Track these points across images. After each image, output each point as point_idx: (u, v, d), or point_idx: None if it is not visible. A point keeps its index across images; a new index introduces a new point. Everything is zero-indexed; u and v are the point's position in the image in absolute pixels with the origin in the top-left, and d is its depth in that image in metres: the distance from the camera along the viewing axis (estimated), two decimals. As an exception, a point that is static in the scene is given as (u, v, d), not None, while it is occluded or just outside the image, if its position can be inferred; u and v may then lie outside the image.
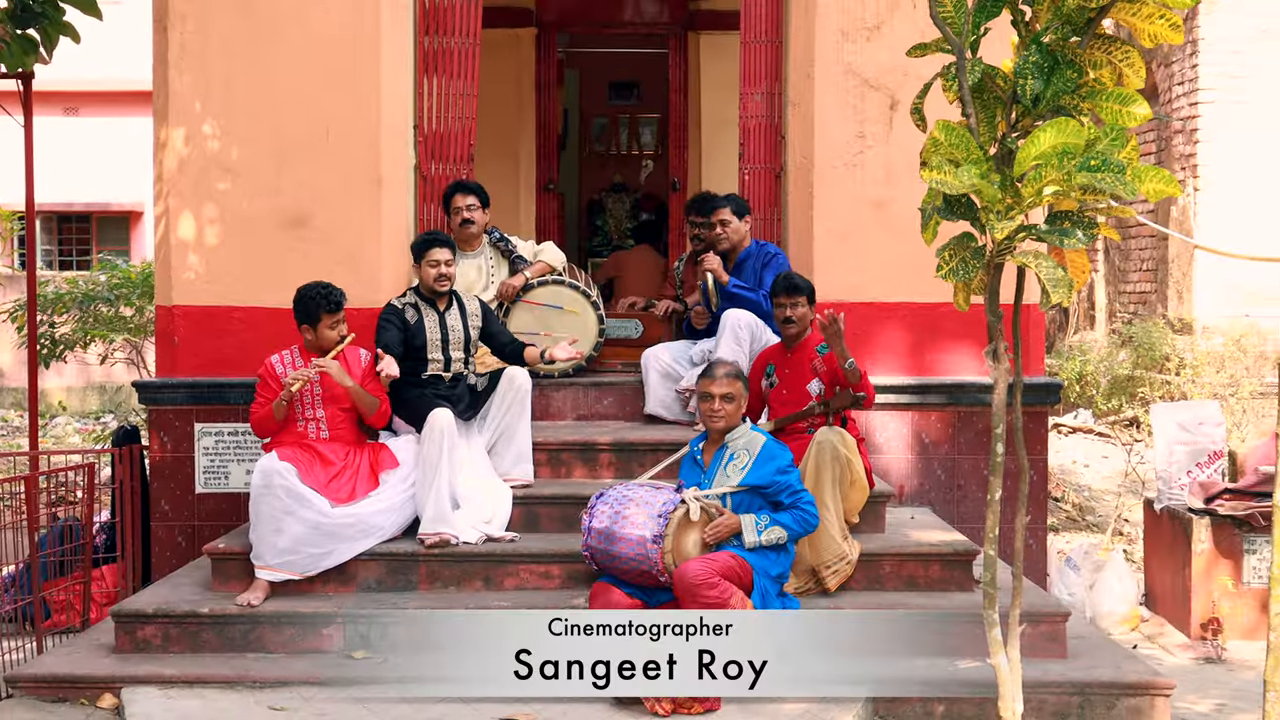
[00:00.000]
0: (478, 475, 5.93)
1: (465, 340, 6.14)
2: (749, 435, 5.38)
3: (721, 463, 5.38)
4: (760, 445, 5.35)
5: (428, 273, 6.04)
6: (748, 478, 5.27)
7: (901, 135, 6.72)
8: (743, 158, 7.12)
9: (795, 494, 5.25)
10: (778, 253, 6.72)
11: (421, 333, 6.02)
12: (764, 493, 5.27)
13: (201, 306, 6.67)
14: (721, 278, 6.58)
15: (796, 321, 5.93)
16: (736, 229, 6.72)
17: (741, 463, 5.34)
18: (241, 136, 6.65)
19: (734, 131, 9.93)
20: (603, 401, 6.88)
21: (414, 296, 6.13)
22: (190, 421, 6.69)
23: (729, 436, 5.38)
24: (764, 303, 6.48)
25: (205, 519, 6.70)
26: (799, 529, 5.23)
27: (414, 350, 5.99)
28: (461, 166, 7.00)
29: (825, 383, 5.85)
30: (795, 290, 5.95)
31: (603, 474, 6.28)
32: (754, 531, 5.18)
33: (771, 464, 5.29)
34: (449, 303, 6.16)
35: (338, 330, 5.83)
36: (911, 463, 6.79)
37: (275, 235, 6.65)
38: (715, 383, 5.32)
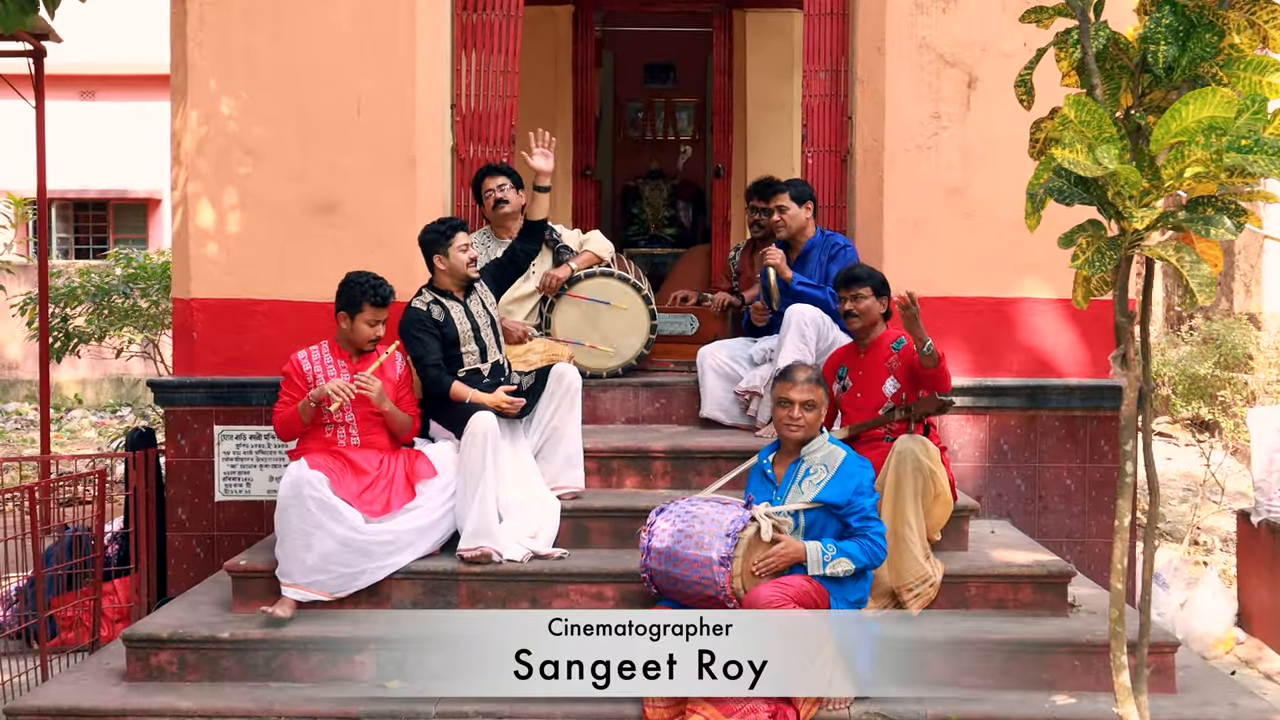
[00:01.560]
0: (523, 484, 5.43)
1: (492, 321, 5.68)
2: (828, 449, 4.87)
3: (796, 478, 4.87)
4: (840, 461, 4.84)
5: (459, 259, 5.54)
6: (824, 493, 4.78)
7: (980, 115, 6.20)
8: (805, 140, 6.58)
9: (866, 520, 4.75)
10: (846, 244, 6.19)
11: (452, 328, 5.52)
12: (838, 512, 4.76)
13: (222, 299, 6.19)
14: (784, 273, 6.05)
15: (859, 315, 5.40)
16: (795, 216, 6.19)
17: (818, 478, 4.84)
18: (265, 115, 6.16)
19: (782, 115, 9.54)
20: (655, 404, 6.37)
21: (431, 294, 5.62)
22: (209, 424, 6.20)
23: (806, 449, 4.87)
24: (831, 300, 5.96)
25: (225, 529, 6.22)
26: (867, 561, 4.72)
27: (449, 346, 5.49)
28: (501, 149, 6.49)
29: (902, 382, 5.33)
30: (854, 281, 5.42)
31: (657, 484, 5.78)
32: (819, 563, 4.68)
33: (851, 482, 4.79)
34: (466, 291, 5.66)
35: (376, 329, 5.34)
36: (988, 471, 6.26)
37: (301, 222, 6.17)
38: (796, 388, 4.82)
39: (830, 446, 4.91)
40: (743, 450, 5.72)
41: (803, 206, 6.24)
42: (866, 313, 5.39)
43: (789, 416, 4.84)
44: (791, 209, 6.21)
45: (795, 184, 6.31)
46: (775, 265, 6.07)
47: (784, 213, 6.21)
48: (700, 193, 12.36)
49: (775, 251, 6.12)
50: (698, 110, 12.64)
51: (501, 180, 6.18)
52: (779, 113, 9.59)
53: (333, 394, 5.13)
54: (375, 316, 5.32)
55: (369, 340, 5.35)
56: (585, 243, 6.43)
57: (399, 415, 5.39)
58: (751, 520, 4.68)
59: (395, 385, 5.43)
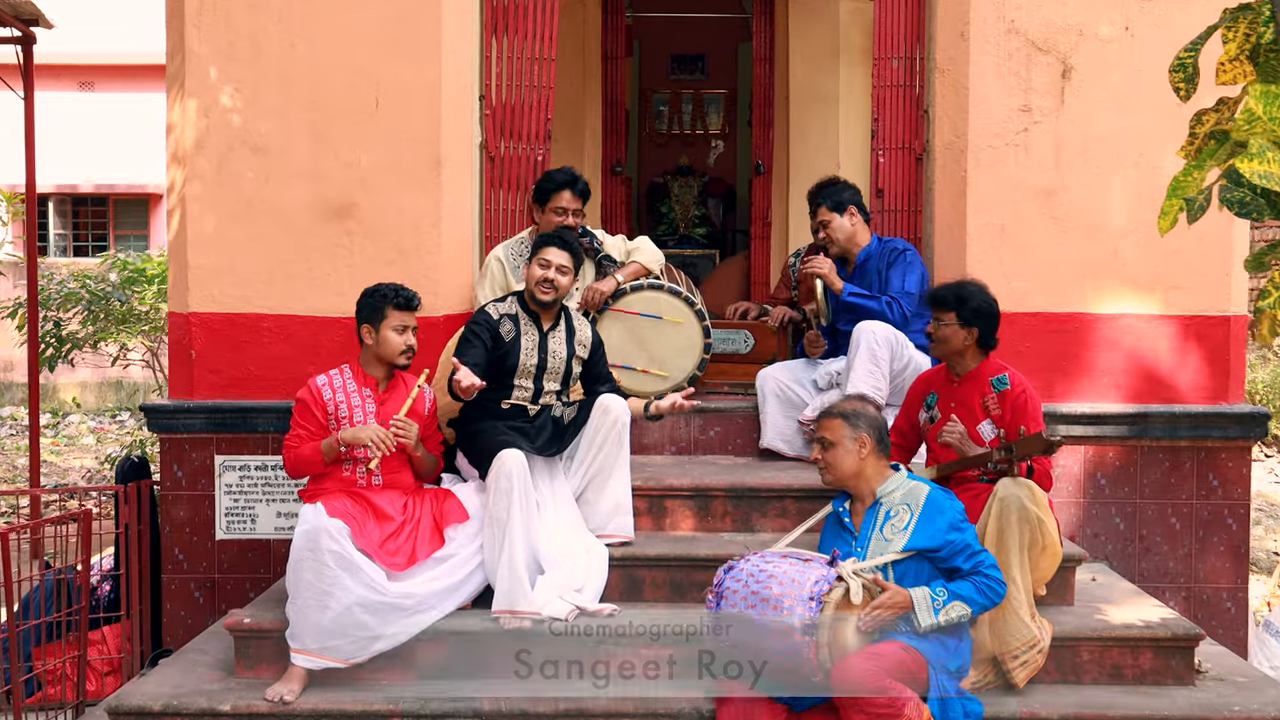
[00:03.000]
0: (565, 531, 4.76)
1: (566, 372, 4.95)
2: (908, 486, 4.24)
3: (876, 523, 4.23)
4: (924, 497, 4.22)
5: (534, 272, 4.87)
6: (914, 539, 4.14)
7: (1075, 108, 5.53)
8: (875, 137, 5.90)
9: (975, 556, 4.13)
10: (905, 249, 5.50)
11: (515, 353, 4.84)
12: (935, 556, 4.12)
13: (224, 314, 5.52)
14: (834, 284, 5.37)
15: (939, 342, 4.73)
16: (840, 227, 5.52)
17: (903, 521, 4.20)
18: (272, 108, 5.49)
19: (826, 107, 8.81)
20: (708, 432, 5.69)
21: (516, 305, 4.95)
22: (210, 453, 5.54)
23: (882, 489, 4.25)
24: (888, 311, 5.29)
25: (227, 571, 5.56)
26: (984, 601, 4.08)
27: (500, 374, 4.82)
28: (536, 145, 5.82)
29: (1001, 428, 4.65)
30: (935, 302, 4.74)
31: (717, 526, 5.10)
32: (930, 610, 4.04)
33: (941, 519, 4.17)
34: (555, 320, 4.98)
35: (406, 336, 4.67)
36: (1083, 508, 5.58)
37: (313, 228, 5.50)
38: (820, 422, 4.36)
39: (909, 483, 4.28)
40: (812, 489, 5.06)
41: (845, 214, 5.55)
42: (944, 341, 4.71)
43: (813, 458, 4.35)
44: (834, 220, 5.54)
45: (830, 190, 5.61)
46: (823, 274, 5.39)
47: (827, 227, 5.55)
48: (731, 190, 11.71)
49: (823, 260, 5.44)
50: (728, 103, 12.00)
51: (578, 204, 5.42)
52: (823, 105, 8.84)
53: (371, 445, 4.47)
54: (403, 321, 4.66)
55: (401, 352, 4.67)
56: (632, 252, 5.75)
57: (428, 458, 4.74)
58: (838, 580, 4.02)
59: (424, 421, 4.77)
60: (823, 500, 4.95)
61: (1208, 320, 5.51)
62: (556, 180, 5.46)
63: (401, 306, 4.65)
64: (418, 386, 4.68)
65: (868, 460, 4.24)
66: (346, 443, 4.54)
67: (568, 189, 5.44)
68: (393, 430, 4.54)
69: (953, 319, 4.68)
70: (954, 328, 4.68)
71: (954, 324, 4.68)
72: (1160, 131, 5.43)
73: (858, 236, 5.55)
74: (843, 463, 4.22)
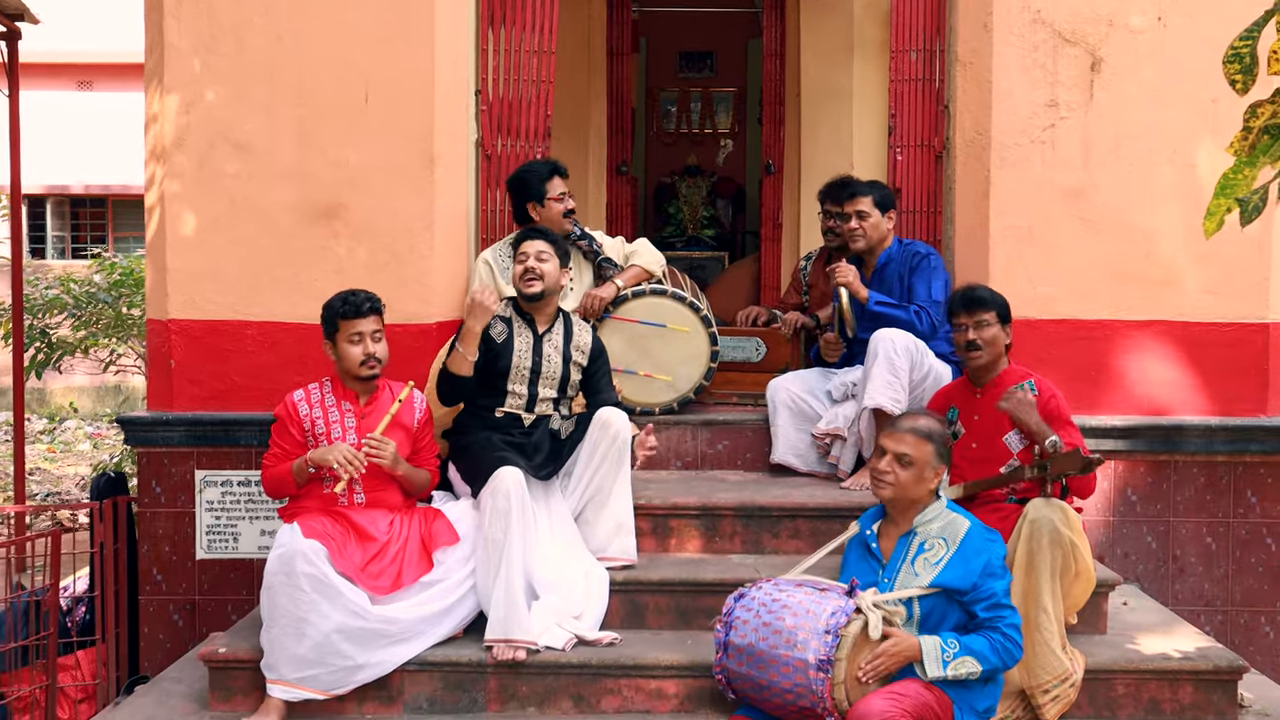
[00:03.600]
0: (563, 553, 4.46)
1: (562, 377, 4.67)
2: (948, 518, 3.92)
3: (907, 554, 3.92)
4: (964, 533, 3.89)
5: (515, 270, 4.65)
6: (944, 575, 3.82)
7: (1106, 103, 5.23)
8: (893, 134, 5.59)
9: (996, 609, 3.79)
10: (929, 253, 5.19)
11: (508, 354, 4.57)
12: (959, 597, 3.80)
13: (205, 321, 5.22)
14: (859, 293, 5.06)
15: (984, 347, 4.43)
16: (877, 225, 5.21)
17: (936, 555, 3.88)
18: (256, 104, 5.19)
19: (839, 104, 8.48)
20: (716, 446, 5.38)
21: (510, 308, 4.70)
22: (190, 468, 5.25)
23: (919, 519, 3.92)
24: (917, 321, 4.99)
25: (208, 592, 5.27)
26: (996, 662, 3.77)
27: (492, 377, 4.53)
28: (535, 143, 5.52)
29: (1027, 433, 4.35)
30: (977, 304, 4.45)
31: (725, 547, 4.80)
32: (938, 663, 3.73)
33: (978, 560, 3.84)
34: (551, 324, 4.69)
35: (365, 345, 4.38)
36: (1113, 526, 5.27)
37: (299, 230, 5.20)
38: (894, 435, 3.94)
39: (950, 515, 3.95)
40: (828, 507, 4.76)
41: (886, 215, 5.24)
42: (992, 343, 4.42)
43: (876, 468, 3.91)
44: (874, 216, 5.22)
45: (877, 187, 5.31)
46: (848, 283, 5.08)
47: (864, 220, 5.22)
48: (741, 190, 11.46)
49: (847, 268, 5.12)
50: (737, 101, 11.76)
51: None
52: (836, 102, 8.53)
53: (338, 467, 4.19)
54: (356, 329, 4.37)
55: (361, 363, 4.38)
56: (631, 255, 5.45)
57: (416, 476, 4.46)
58: (857, 612, 3.71)
59: (413, 435, 4.49)
60: (838, 520, 4.68)
61: (1246, 328, 5.20)
62: (542, 171, 5.20)
63: (349, 315, 4.37)
64: (398, 401, 4.39)
65: (931, 491, 3.94)
66: (315, 463, 4.26)
67: (557, 175, 5.20)
68: (365, 449, 4.25)
69: (994, 318, 4.42)
70: (996, 327, 4.42)
71: (996, 323, 4.41)
72: (1196, 127, 5.14)
73: (886, 240, 5.24)
74: (914, 488, 3.90)
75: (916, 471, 3.90)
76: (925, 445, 3.92)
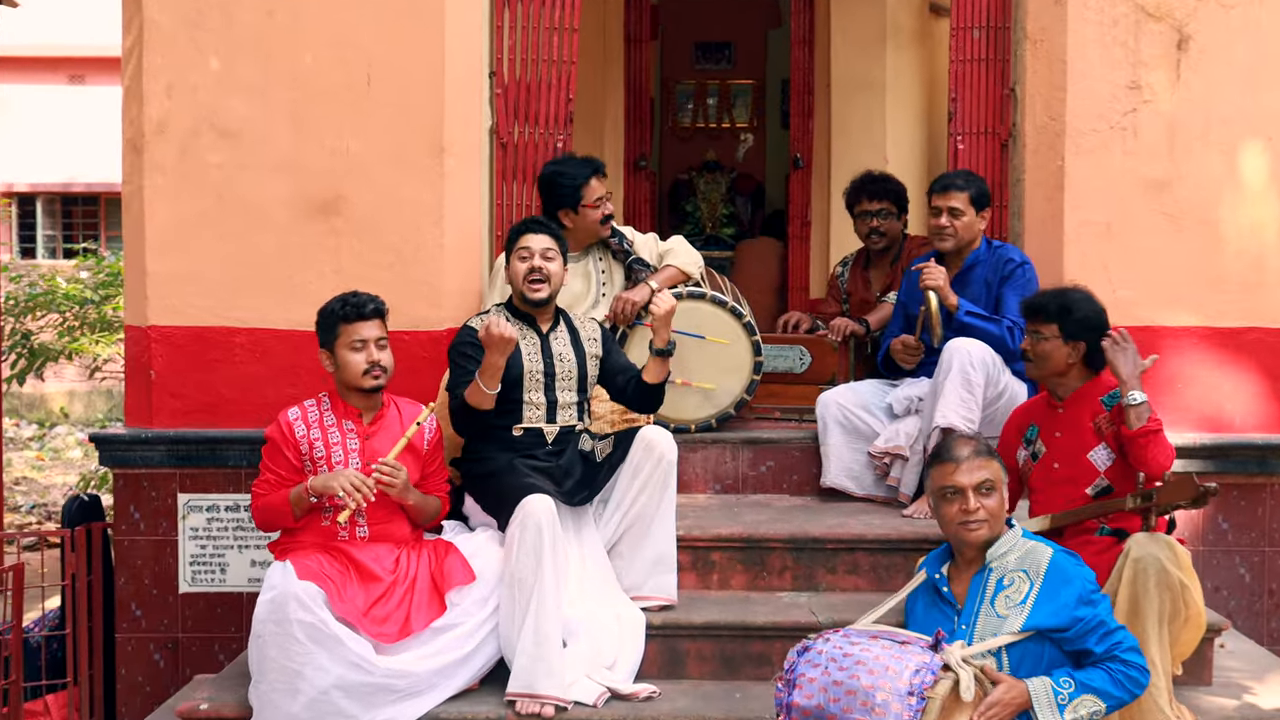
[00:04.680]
0: (594, 593, 3.94)
1: (580, 376, 4.16)
2: (1024, 546, 3.44)
3: (984, 594, 3.41)
4: (1046, 562, 3.40)
5: (516, 267, 4.10)
6: (1035, 616, 3.31)
7: (1194, 85, 4.75)
8: (953, 120, 5.05)
9: (1110, 635, 3.32)
10: (1024, 262, 4.65)
11: (516, 361, 4.04)
12: (1060, 637, 3.28)
13: (188, 327, 4.70)
14: (948, 299, 4.52)
15: (1035, 360, 3.92)
16: (970, 225, 4.67)
17: (1019, 592, 3.38)
18: (246, 86, 4.67)
19: (871, 95, 8.02)
20: (759, 467, 4.84)
21: (501, 311, 4.17)
22: (172, 491, 4.72)
23: (993, 552, 3.43)
24: (1008, 338, 4.45)
25: (193, 629, 4.74)
26: (1121, 695, 3.29)
27: (506, 388, 4.01)
28: (556, 130, 4.99)
29: (1116, 450, 3.82)
30: (1036, 313, 3.95)
31: (775, 584, 4.26)
32: (1053, 709, 3.24)
33: (1068, 590, 3.34)
34: (554, 321, 4.17)
35: (369, 352, 3.89)
36: (1202, 557, 4.73)
37: (294, 226, 4.69)
38: (961, 467, 3.42)
39: (1027, 543, 3.46)
40: (889, 539, 4.24)
41: (981, 214, 4.70)
42: (1044, 358, 3.91)
43: (964, 512, 3.41)
44: (968, 215, 4.66)
45: (974, 180, 4.73)
46: (938, 288, 4.53)
47: (958, 218, 4.65)
48: (761, 187, 10.93)
49: (937, 270, 4.57)
50: (756, 94, 11.22)
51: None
52: (868, 93, 8.03)
53: (343, 495, 3.67)
54: (359, 334, 3.90)
55: (365, 372, 3.89)
56: (666, 254, 4.91)
57: (427, 505, 3.96)
58: (944, 670, 3.18)
59: (422, 458, 3.97)
60: (901, 553, 4.17)
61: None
62: (578, 175, 4.66)
63: (351, 318, 3.88)
64: (415, 424, 3.87)
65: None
66: (317, 492, 3.74)
67: (594, 176, 4.67)
68: (375, 475, 3.73)
69: (1054, 331, 3.88)
70: (1056, 342, 3.88)
71: (1056, 338, 3.88)
72: (1295, 111, 4.63)
73: (976, 240, 4.70)
74: (1003, 514, 3.42)
75: (999, 494, 3.43)
76: (992, 461, 3.46)
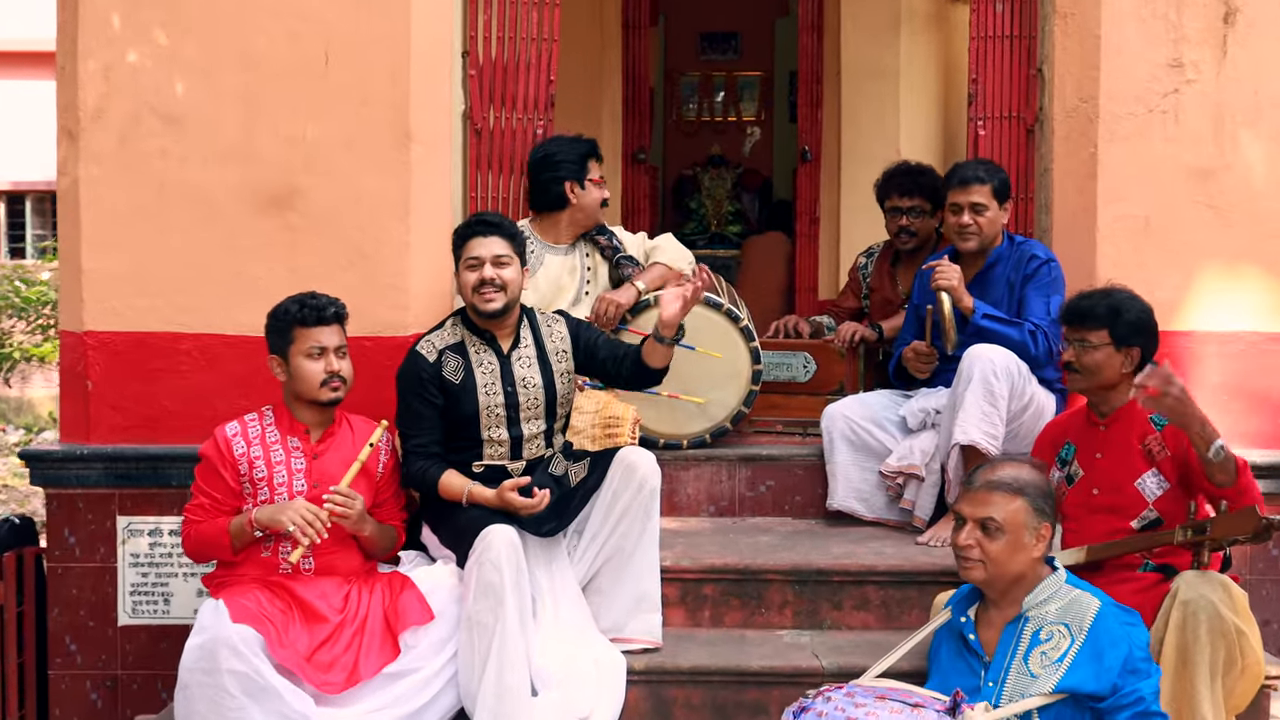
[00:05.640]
0: (568, 636, 3.48)
1: (548, 401, 3.68)
2: (1068, 596, 3.00)
3: (1017, 647, 2.99)
4: (1091, 616, 2.95)
5: (464, 278, 3.62)
6: (1071, 677, 2.90)
7: (1243, 63, 4.31)
8: (973, 103, 4.59)
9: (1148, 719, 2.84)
10: (1048, 259, 4.20)
11: (471, 395, 3.58)
12: (1095, 704, 2.84)
13: (129, 333, 4.26)
14: (963, 301, 4.06)
15: (1082, 372, 3.45)
16: (994, 221, 4.22)
17: (1058, 648, 2.96)
18: (191, 67, 4.23)
19: (884, 84, 7.66)
20: (758, 486, 4.38)
21: (460, 329, 3.70)
22: (111, 513, 4.28)
23: (1030, 600, 3.00)
24: (1030, 344, 4.00)
25: (134, 665, 4.31)
26: None
27: (458, 426, 3.57)
28: (536, 115, 4.54)
29: (1170, 478, 3.35)
30: (1083, 319, 3.49)
31: (773, 621, 3.80)
32: None
33: (1114, 653, 2.92)
34: (515, 335, 3.69)
35: (328, 361, 3.47)
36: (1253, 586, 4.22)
37: (245, 221, 4.25)
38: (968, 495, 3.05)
39: (1071, 592, 3.01)
40: (903, 570, 3.79)
41: (1004, 207, 4.25)
42: (1094, 370, 3.45)
43: (957, 543, 2.98)
44: (992, 209, 4.21)
45: (995, 171, 4.29)
46: (951, 289, 4.07)
47: (981, 214, 4.19)
48: (768, 183, 10.50)
49: (951, 268, 4.11)
50: (763, 86, 10.81)
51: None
52: (880, 81, 7.62)
53: (296, 532, 3.23)
54: (316, 341, 3.48)
55: (323, 383, 3.47)
56: (653, 251, 4.46)
57: (383, 535, 3.53)
58: (965, 735, 2.73)
59: (376, 484, 3.54)
60: (916, 586, 3.71)
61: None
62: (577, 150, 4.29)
63: (309, 321, 3.46)
64: (369, 445, 3.43)
65: (1039, 559, 2.97)
66: (263, 526, 3.30)
67: (592, 157, 4.29)
68: (328, 506, 3.29)
69: (1104, 338, 3.42)
70: (1107, 350, 3.42)
71: (1107, 345, 3.41)
72: (1356, 92, 4.17)
73: (998, 236, 4.25)
74: (1012, 563, 2.97)
75: (1011, 540, 2.97)
76: (1014, 501, 2.99)
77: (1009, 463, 3.10)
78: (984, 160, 4.36)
